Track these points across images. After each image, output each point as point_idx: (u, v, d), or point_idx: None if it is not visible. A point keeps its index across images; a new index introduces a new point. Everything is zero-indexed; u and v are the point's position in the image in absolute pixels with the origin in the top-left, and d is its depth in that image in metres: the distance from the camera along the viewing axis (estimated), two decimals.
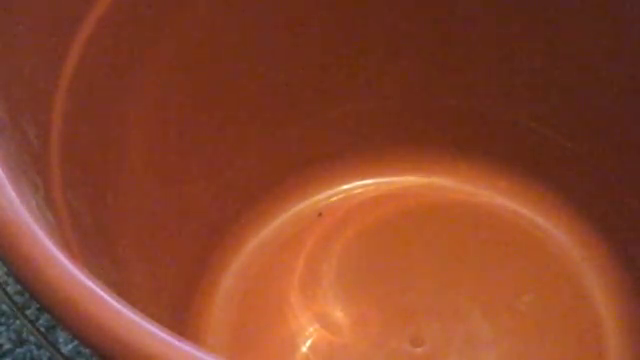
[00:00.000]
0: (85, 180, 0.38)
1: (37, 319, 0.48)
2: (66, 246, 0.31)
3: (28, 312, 0.48)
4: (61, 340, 0.48)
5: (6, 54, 0.34)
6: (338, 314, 0.46)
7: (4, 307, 0.49)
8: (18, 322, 0.49)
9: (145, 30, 0.41)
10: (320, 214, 0.49)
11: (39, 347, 0.48)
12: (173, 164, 0.45)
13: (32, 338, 0.49)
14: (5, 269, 0.46)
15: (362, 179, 0.50)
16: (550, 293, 0.47)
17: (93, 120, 0.39)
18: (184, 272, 0.46)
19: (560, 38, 0.45)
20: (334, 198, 0.50)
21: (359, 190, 0.50)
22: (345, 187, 0.50)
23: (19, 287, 0.47)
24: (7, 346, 0.48)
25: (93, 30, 0.38)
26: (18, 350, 0.48)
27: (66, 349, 0.47)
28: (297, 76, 0.46)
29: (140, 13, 0.40)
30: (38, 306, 0.47)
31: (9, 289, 0.46)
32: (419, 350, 0.45)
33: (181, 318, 0.45)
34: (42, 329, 0.47)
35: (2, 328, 0.49)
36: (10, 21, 0.35)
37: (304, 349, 0.45)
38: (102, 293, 0.27)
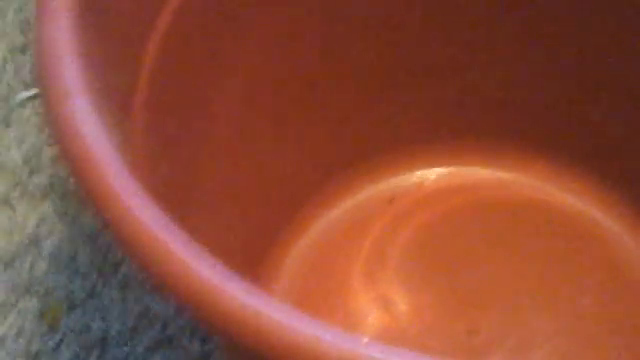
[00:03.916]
0: (167, 142, 0.39)
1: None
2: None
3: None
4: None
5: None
6: (398, 299, 0.47)
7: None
8: (94, 276, 0.51)
9: (228, 19, 0.42)
10: (392, 200, 0.50)
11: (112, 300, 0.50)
12: (258, 135, 0.46)
13: (105, 292, 0.51)
14: None
15: (438, 166, 0.50)
16: (612, 297, 0.46)
17: (179, 91, 0.40)
18: (252, 243, 0.47)
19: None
20: (407, 184, 0.50)
21: (433, 178, 0.50)
22: (419, 174, 0.50)
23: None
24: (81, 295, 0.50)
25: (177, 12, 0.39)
26: (90, 301, 0.50)
27: None
28: (378, 59, 0.47)
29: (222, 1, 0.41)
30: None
31: None
32: (474, 340, 0.45)
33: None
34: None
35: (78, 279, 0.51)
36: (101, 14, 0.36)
37: (362, 329, 0.46)
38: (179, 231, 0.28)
